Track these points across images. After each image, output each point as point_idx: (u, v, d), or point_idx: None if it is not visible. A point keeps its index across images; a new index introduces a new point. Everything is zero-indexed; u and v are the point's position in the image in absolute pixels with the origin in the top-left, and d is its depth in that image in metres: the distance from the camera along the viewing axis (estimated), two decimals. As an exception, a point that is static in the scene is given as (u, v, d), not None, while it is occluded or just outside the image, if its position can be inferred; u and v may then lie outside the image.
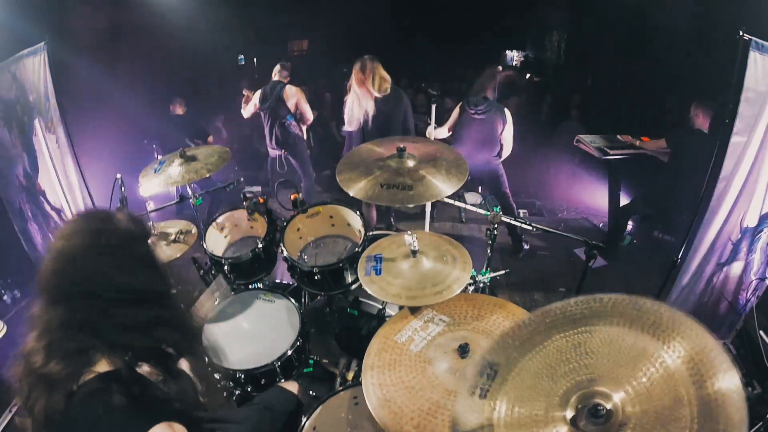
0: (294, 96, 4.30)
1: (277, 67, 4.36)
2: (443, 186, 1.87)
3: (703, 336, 0.85)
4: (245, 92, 4.68)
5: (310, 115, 4.45)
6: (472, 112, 3.78)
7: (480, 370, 1.04)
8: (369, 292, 1.74)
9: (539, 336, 1.02)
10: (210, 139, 4.91)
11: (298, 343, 1.96)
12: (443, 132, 3.96)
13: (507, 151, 3.93)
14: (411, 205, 4.88)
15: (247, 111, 4.52)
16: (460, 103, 3.93)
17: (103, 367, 0.99)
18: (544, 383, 0.95)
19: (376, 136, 3.69)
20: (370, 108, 3.67)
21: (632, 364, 0.88)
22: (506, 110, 3.79)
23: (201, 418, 1.06)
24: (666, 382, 0.83)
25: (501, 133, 3.80)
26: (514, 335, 1.06)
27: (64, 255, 1.01)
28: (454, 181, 1.90)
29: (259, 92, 4.38)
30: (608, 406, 0.85)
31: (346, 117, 3.85)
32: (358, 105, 3.70)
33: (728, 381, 0.78)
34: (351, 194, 1.88)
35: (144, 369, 1.07)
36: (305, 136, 4.69)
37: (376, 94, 3.65)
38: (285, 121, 4.32)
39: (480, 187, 4.89)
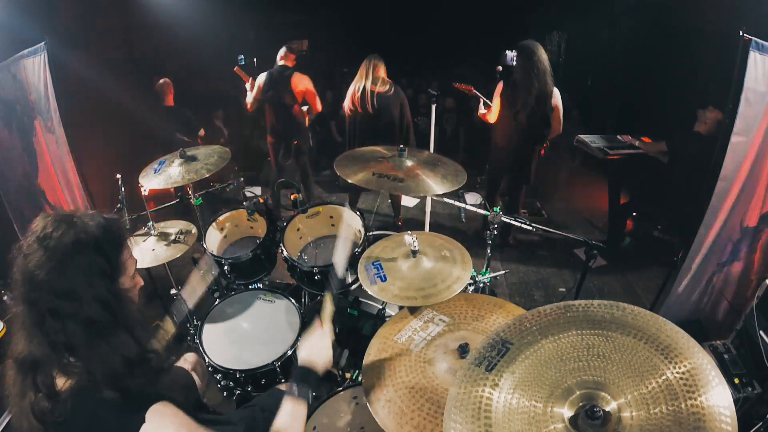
0: (303, 84, 3.97)
1: (283, 50, 4.00)
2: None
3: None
4: (247, 81, 4.16)
5: (319, 107, 4.18)
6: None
7: (492, 343, 1.05)
8: (382, 299, 1.72)
9: (557, 327, 1.03)
10: (201, 132, 4.73)
11: (298, 343, 1.96)
12: (492, 116, 3.63)
13: (553, 134, 3.65)
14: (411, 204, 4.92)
15: (251, 97, 4.12)
16: (501, 83, 3.53)
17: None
18: (550, 374, 0.97)
19: (369, 129, 3.82)
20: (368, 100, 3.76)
21: (639, 378, 0.89)
22: (555, 90, 3.42)
23: (197, 417, 1.06)
24: (666, 397, 0.84)
25: (550, 116, 3.46)
26: (532, 319, 1.07)
27: (20, 259, 0.99)
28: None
29: (263, 76, 4.02)
30: (606, 409, 0.86)
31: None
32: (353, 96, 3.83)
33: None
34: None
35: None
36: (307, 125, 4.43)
37: (375, 89, 3.72)
38: (291, 110, 4.05)
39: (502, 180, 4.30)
